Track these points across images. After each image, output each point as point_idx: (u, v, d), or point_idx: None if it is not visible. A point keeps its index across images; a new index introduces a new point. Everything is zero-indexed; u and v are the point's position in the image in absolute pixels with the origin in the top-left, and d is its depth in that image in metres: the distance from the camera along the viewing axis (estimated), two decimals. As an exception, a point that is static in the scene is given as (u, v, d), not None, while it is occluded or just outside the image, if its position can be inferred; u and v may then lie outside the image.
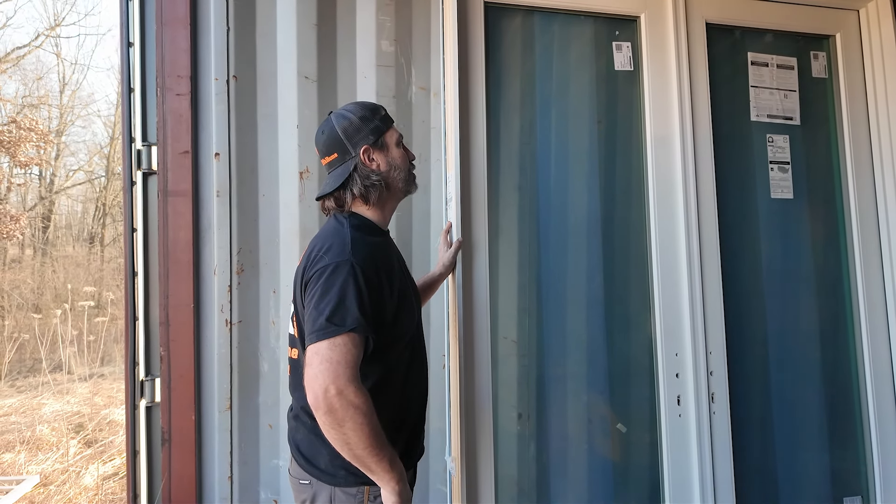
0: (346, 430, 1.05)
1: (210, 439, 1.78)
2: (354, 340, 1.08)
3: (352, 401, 1.04)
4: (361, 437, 1.05)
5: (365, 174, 1.29)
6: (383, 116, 1.35)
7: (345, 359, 1.06)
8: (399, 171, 1.35)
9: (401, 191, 1.38)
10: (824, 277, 2.09)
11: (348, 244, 1.17)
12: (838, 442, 2.04)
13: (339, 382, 1.04)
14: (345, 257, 1.14)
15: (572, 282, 1.90)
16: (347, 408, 1.04)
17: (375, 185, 1.29)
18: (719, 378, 1.89)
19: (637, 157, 1.97)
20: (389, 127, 1.35)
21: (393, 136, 1.35)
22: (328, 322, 1.08)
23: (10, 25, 12.92)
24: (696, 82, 1.98)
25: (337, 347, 1.07)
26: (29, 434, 4.69)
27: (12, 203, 10.34)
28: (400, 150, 1.36)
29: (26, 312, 7.79)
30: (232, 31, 1.81)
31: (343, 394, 1.04)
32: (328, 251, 1.17)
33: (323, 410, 1.04)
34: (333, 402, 1.03)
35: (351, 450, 1.07)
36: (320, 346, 1.07)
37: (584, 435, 1.87)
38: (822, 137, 2.14)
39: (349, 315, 1.09)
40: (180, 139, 1.76)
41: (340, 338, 1.07)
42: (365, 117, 1.31)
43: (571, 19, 1.96)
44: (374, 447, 1.07)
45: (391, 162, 1.33)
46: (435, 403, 1.87)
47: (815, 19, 2.13)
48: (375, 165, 1.31)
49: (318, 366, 1.06)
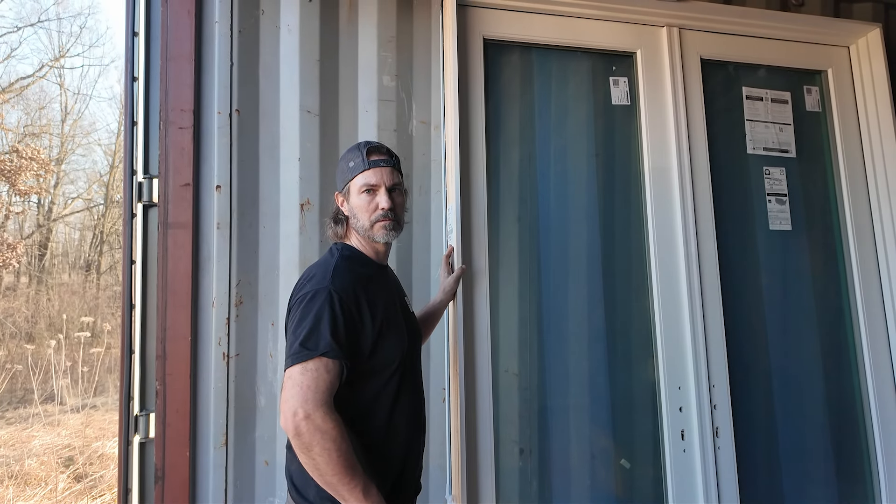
0: (314, 454, 1.05)
1: (204, 477, 1.73)
2: (327, 366, 1.10)
3: (319, 426, 1.05)
4: (330, 462, 1.05)
5: (337, 216, 1.38)
6: (358, 162, 1.31)
7: (315, 383, 1.07)
8: (356, 219, 1.32)
9: (365, 238, 1.33)
10: (825, 308, 2.08)
11: (330, 272, 1.20)
12: (845, 475, 2.00)
13: (307, 406, 1.05)
14: (324, 284, 1.17)
15: (573, 314, 1.89)
16: (314, 432, 1.04)
17: (346, 225, 1.37)
18: (723, 412, 1.87)
19: (636, 189, 1.98)
20: (357, 174, 1.31)
21: (357, 184, 1.31)
22: (301, 346, 1.10)
23: (15, 56, 13.12)
24: (693, 116, 2.01)
25: (308, 372, 1.08)
26: (17, 468, 4.57)
27: (10, 231, 10.32)
28: (361, 199, 1.30)
29: (19, 342, 7.69)
30: (235, 66, 1.84)
31: (310, 418, 1.05)
32: (311, 279, 1.21)
33: (291, 433, 1.06)
34: (301, 426, 1.05)
35: (322, 476, 1.07)
36: (293, 370, 1.09)
37: (587, 471, 1.84)
38: (818, 169, 2.16)
39: (322, 340, 1.11)
40: (182, 171, 1.77)
41: (312, 362, 1.09)
42: (341, 167, 1.36)
43: (569, 55, 2.00)
44: (344, 475, 1.06)
45: (351, 210, 1.34)
46: (435, 439, 1.83)
47: (807, 55, 2.18)
48: (347, 210, 1.36)
49: (290, 390, 1.08)
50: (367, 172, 1.31)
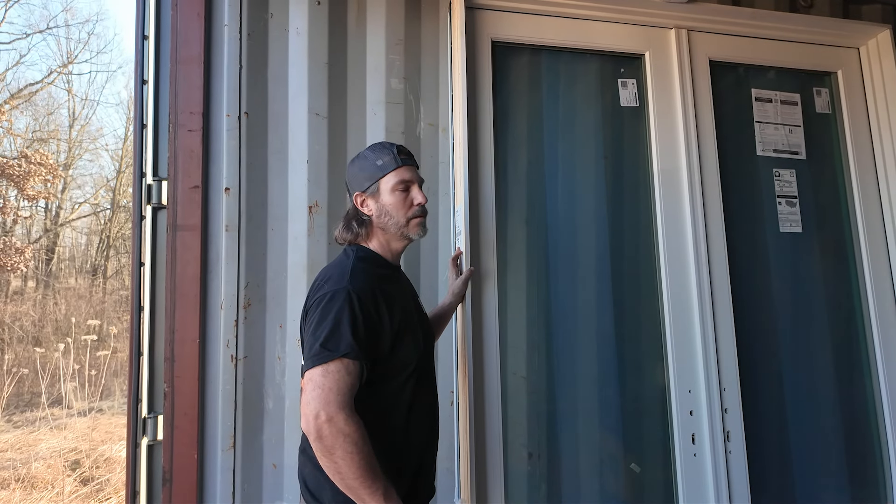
0: (336, 458, 1.04)
1: (212, 479, 1.73)
2: (348, 367, 1.09)
3: (341, 428, 1.04)
4: (352, 466, 1.04)
5: (357, 217, 1.33)
6: (387, 161, 1.31)
7: (337, 385, 1.06)
8: (389, 217, 1.30)
9: (395, 236, 1.33)
10: (837, 311, 2.06)
11: (347, 273, 1.19)
12: (858, 480, 1.98)
13: (329, 409, 1.04)
14: (342, 285, 1.16)
15: (582, 316, 1.88)
16: (337, 435, 1.03)
17: (367, 227, 1.33)
18: (734, 415, 1.85)
19: (644, 192, 1.97)
20: (388, 172, 1.30)
21: (389, 182, 1.30)
22: (322, 348, 1.09)
23: (24, 62, 13.26)
24: (702, 118, 2.00)
25: (330, 374, 1.07)
26: (24, 471, 4.58)
27: (18, 235, 10.40)
28: (394, 197, 1.29)
29: (26, 345, 7.73)
30: (245, 69, 1.85)
31: (333, 420, 1.04)
32: (328, 280, 1.20)
33: (313, 437, 1.04)
34: (323, 429, 1.03)
35: (343, 479, 1.06)
36: (314, 372, 1.08)
37: (596, 475, 1.82)
38: (829, 171, 2.15)
39: (343, 340, 1.10)
40: (191, 174, 1.78)
41: (333, 364, 1.08)
42: (363, 166, 1.33)
43: (577, 57, 2.00)
44: (366, 478, 1.05)
45: (381, 208, 1.31)
46: (443, 442, 1.81)
47: (817, 57, 2.17)
48: (368, 210, 1.32)
49: (311, 392, 1.06)
50: (401, 170, 1.31)
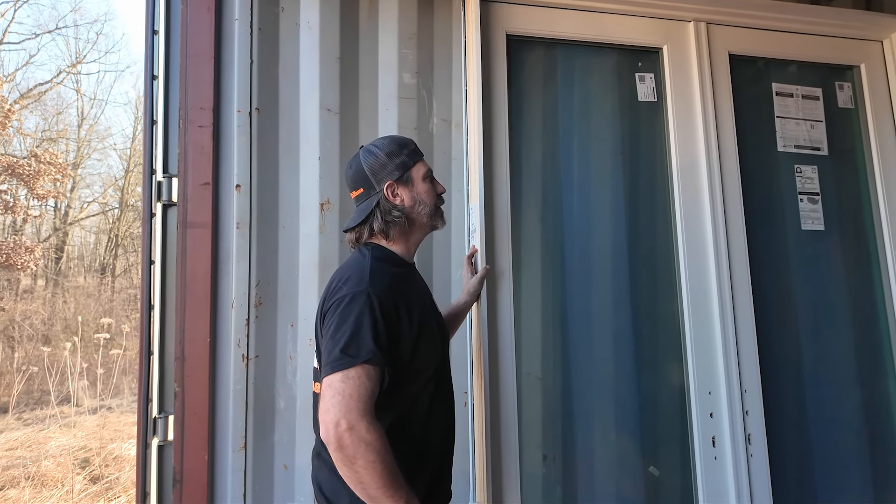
0: (357, 467, 1.00)
1: (223, 480, 1.71)
2: (369, 373, 1.05)
3: (363, 437, 1.00)
4: (374, 475, 1.00)
5: (387, 209, 1.28)
6: (412, 151, 1.33)
7: (357, 392, 1.03)
8: (424, 206, 1.31)
9: (426, 225, 1.34)
10: (859, 310, 2.01)
11: (367, 275, 1.15)
12: (882, 484, 1.92)
13: (350, 417, 1.00)
14: (362, 287, 1.12)
15: (599, 316, 1.84)
16: (359, 444, 0.99)
17: (396, 220, 1.28)
18: (756, 418, 1.80)
19: (663, 188, 1.93)
20: (416, 161, 1.32)
21: (420, 171, 1.32)
22: (342, 353, 1.05)
23: (33, 62, 13.34)
24: (721, 113, 1.95)
25: (350, 380, 1.03)
26: (34, 469, 4.60)
27: (27, 234, 10.47)
28: (426, 185, 1.33)
29: (35, 344, 7.77)
30: (255, 64, 1.82)
31: (354, 429, 1.00)
32: (347, 282, 1.16)
33: (333, 446, 1.00)
34: (344, 438, 0.99)
35: (364, 489, 1.02)
36: (334, 378, 1.04)
37: (613, 478, 1.78)
38: (851, 167, 2.09)
39: (364, 346, 1.06)
40: (201, 171, 1.75)
41: (354, 370, 1.04)
42: (392, 153, 1.30)
43: (593, 51, 1.96)
44: (388, 487, 1.01)
45: (416, 197, 1.31)
46: (458, 444, 1.79)
47: (839, 50, 2.11)
48: (399, 201, 1.29)
49: (331, 399, 1.03)
50: (423, 161, 1.35)
